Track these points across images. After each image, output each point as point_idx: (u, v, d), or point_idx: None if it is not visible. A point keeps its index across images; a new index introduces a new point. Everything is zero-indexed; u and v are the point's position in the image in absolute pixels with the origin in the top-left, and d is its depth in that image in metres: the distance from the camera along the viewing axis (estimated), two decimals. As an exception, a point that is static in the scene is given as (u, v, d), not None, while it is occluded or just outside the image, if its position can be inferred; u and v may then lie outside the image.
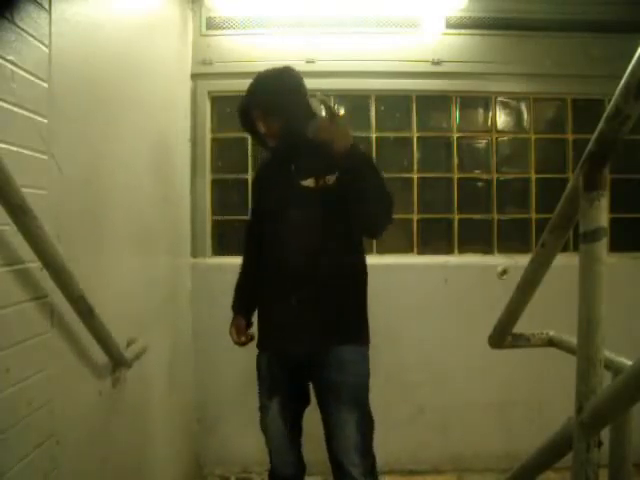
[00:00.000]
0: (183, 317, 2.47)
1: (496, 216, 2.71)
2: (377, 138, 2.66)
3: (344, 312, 1.64)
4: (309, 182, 1.63)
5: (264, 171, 1.88)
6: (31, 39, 1.14)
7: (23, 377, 1.12)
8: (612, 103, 0.93)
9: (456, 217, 2.69)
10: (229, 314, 1.83)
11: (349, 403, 1.58)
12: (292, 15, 2.55)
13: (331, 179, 1.62)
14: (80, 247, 1.38)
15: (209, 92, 2.63)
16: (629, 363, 1.08)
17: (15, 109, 1.09)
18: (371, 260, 1.75)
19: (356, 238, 1.70)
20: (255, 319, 1.84)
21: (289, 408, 1.71)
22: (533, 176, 2.71)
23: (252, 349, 1.80)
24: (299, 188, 1.64)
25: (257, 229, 1.79)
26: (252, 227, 1.88)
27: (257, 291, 1.77)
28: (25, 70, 1.12)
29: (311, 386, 1.72)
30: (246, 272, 1.89)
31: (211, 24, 2.58)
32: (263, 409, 1.74)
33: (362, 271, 1.71)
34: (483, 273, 2.60)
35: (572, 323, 1.06)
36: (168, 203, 2.25)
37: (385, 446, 1.71)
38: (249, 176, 2.65)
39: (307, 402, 1.75)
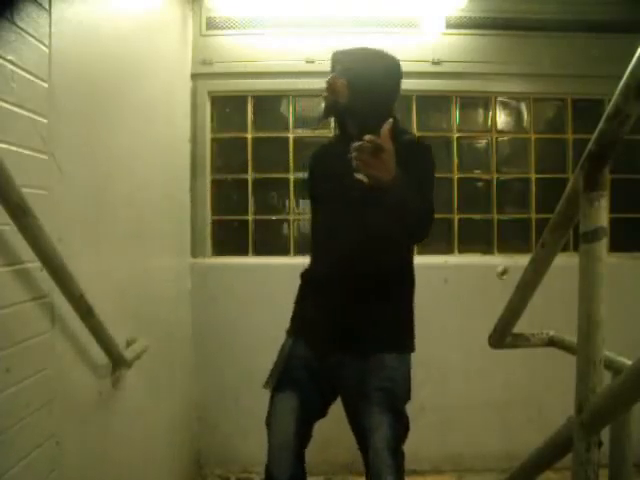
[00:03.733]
0: (183, 317, 2.47)
1: (496, 216, 2.71)
2: (377, 138, 2.66)
3: (389, 319, 1.54)
4: (363, 176, 1.45)
5: (320, 156, 1.75)
6: (31, 39, 1.14)
7: (23, 377, 1.12)
8: (612, 103, 0.93)
9: (456, 217, 2.69)
10: (229, 314, 1.82)
11: (383, 406, 1.49)
12: (292, 15, 2.55)
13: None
14: (80, 247, 1.38)
15: (209, 92, 2.63)
16: (629, 363, 1.08)
17: (15, 109, 1.09)
18: (371, 260, 1.74)
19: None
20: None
21: (307, 408, 1.56)
22: (533, 176, 2.71)
23: (252, 349, 1.79)
24: (354, 180, 1.43)
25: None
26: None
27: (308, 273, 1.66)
28: (25, 70, 1.12)
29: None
30: None
31: (211, 24, 2.58)
32: (275, 400, 1.59)
33: (411, 275, 1.60)
34: (483, 273, 2.60)
35: (572, 323, 1.06)
36: (168, 203, 2.25)
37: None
38: (249, 176, 2.65)
39: (323, 414, 1.62)
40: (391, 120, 1.24)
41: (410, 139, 1.65)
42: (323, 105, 1.62)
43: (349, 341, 1.52)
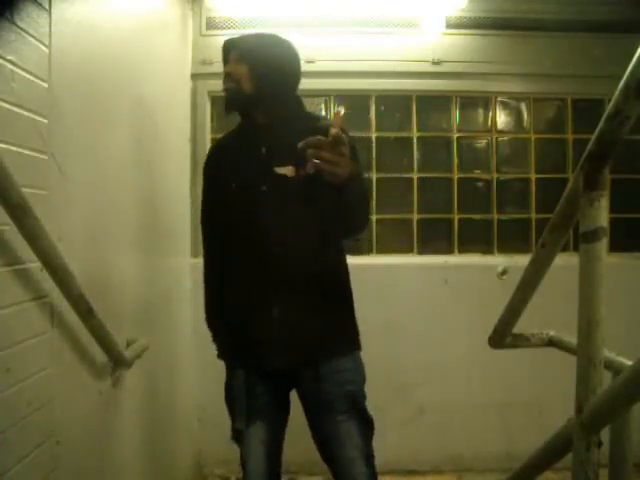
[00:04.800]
0: (183, 317, 2.46)
1: (496, 216, 2.71)
2: (377, 138, 2.66)
3: (333, 320, 1.47)
4: (286, 170, 1.37)
5: (220, 153, 1.58)
6: (31, 39, 1.14)
7: (23, 377, 1.12)
8: (612, 103, 0.93)
9: (456, 217, 2.69)
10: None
11: (348, 412, 1.44)
12: (292, 15, 2.55)
13: (313, 168, 1.32)
14: (80, 247, 1.38)
15: (209, 92, 2.62)
16: (629, 363, 1.08)
17: (15, 109, 1.09)
18: (371, 260, 1.75)
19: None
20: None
21: (274, 434, 1.50)
22: (533, 176, 2.71)
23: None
24: (272, 176, 1.38)
25: (216, 224, 1.54)
26: (210, 223, 1.58)
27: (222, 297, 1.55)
28: (25, 70, 1.12)
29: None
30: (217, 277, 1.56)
31: (211, 24, 2.58)
32: (241, 438, 1.49)
33: (346, 271, 1.53)
34: (483, 273, 2.60)
35: (572, 323, 1.06)
36: (168, 203, 2.25)
37: (385, 446, 1.70)
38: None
39: (288, 413, 1.56)
40: (341, 109, 1.18)
41: (329, 124, 1.50)
42: (225, 98, 1.49)
43: (298, 352, 1.42)
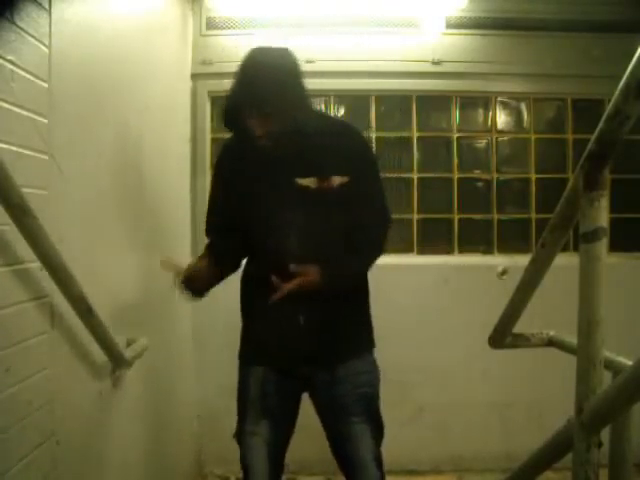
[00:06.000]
0: (183, 317, 2.46)
1: (496, 216, 2.71)
2: (377, 138, 2.66)
3: (351, 323, 1.49)
4: (309, 182, 1.40)
5: (236, 161, 1.51)
6: (31, 39, 1.14)
7: (23, 377, 1.12)
8: (612, 103, 0.93)
9: (456, 217, 2.69)
10: (229, 313, 1.80)
11: (363, 415, 1.46)
12: (292, 15, 2.55)
13: (337, 181, 1.40)
14: (80, 247, 1.38)
15: (209, 92, 2.63)
16: (629, 363, 1.08)
17: (15, 109, 1.09)
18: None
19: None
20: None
21: (280, 435, 1.50)
22: (533, 176, 2.71)
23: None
24: (294, 187, 1.40)
25: (227, 230, 1.57)
26: (218, 229, 1.63)
27: (243, 299, 1.65)
28: (25, 70, 1.12)
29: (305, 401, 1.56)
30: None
31: (211, 24, 2.58)
32: (246, 436, 1.50)
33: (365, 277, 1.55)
34: (483, 273, 2.60)
35: (572, 323, 1.06)
36: (168, 203, 2.25)
37: (385, 446, 1.70)
38: (249, 176, 2.65)
39: (296, 417, 1.55)
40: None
41: (341, 129, 1.49)
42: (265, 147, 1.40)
43: (319, 352, 1.44)
